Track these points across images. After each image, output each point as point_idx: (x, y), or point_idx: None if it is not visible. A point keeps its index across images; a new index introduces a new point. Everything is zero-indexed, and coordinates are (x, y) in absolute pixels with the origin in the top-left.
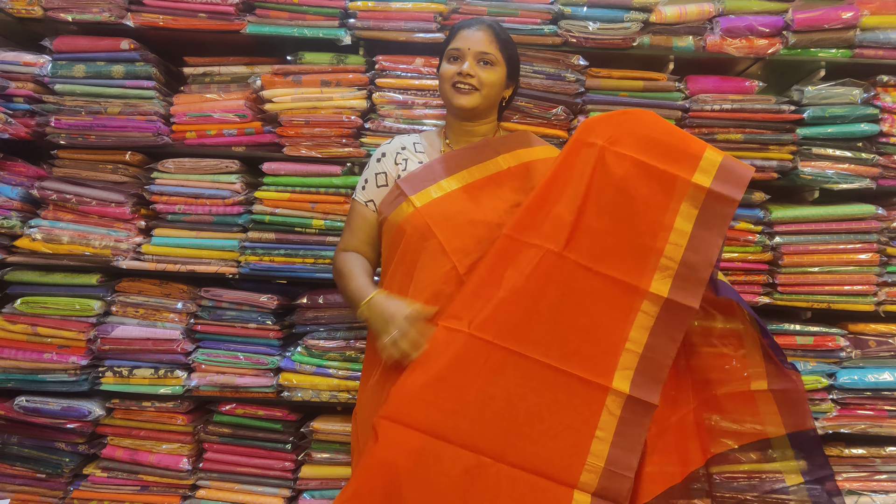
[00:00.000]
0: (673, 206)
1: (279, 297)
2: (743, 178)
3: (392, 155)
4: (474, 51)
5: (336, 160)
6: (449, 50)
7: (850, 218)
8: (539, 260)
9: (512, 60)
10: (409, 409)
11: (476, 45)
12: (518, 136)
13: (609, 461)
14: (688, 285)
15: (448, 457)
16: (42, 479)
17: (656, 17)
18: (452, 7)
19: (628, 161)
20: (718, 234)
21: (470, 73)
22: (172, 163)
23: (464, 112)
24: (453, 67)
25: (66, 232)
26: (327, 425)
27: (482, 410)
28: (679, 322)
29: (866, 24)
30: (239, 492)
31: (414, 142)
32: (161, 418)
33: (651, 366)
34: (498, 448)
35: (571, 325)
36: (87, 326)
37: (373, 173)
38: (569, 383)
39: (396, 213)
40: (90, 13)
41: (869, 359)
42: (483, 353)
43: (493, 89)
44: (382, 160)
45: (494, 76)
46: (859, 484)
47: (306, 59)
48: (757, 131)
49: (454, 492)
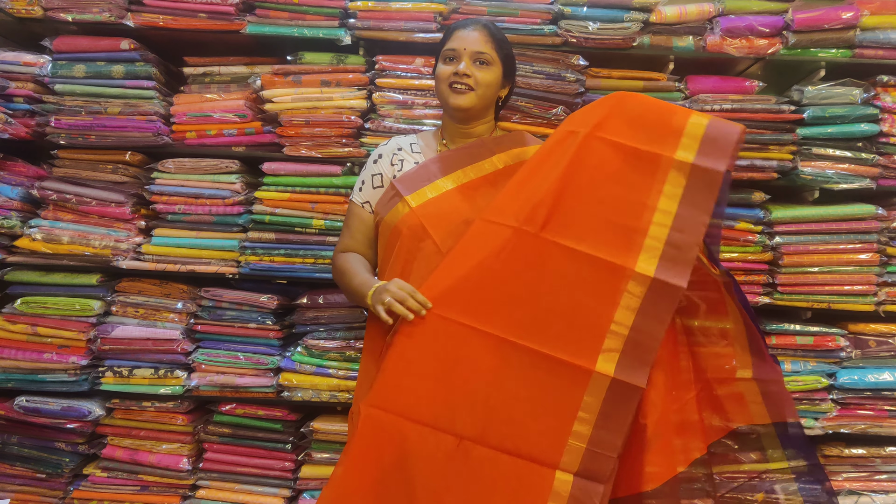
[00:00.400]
0: (657, 186)
1: (279, 297)
2: (728, 141)
3: (388, 156)
4: (470, 51)
5: (336, 160)
6: (445, 50)
7: (850, 218)
8: (511, 238)
9: (508, 60)
10: (390, 396)
11: (472, 44)
12: (514, 136)
13: (592, 442)
14: (674, 265)
15: (430, 441)
16: (42, 479)
17: (656, 17)
18: (452, 7)
19: (610, 145)
20: (704, 210)
21: (466, 72)
22: (172, 163)
23: (460, 112)
24: (449, 68)
25: (66, 232)
26: (327, 425)
27: (462, 395)
28: (667, 303)
29: (866, 24)
30: (239, 492)
31: (411, 142)
32: (161, 418)
33: (637, 348)
34: (478, 431)
35: (552, 307)
36: (87, 326)
37: (369, 174)
38: (550, 366)
39: (392, 214)
40: (90, 13)
41: (869, 359)
42: (456, 336)
43: (490, 89)
44: (379, 161)
45: (490, 76)
46: (859, 484)
47: (306, 59)
48: (757, 131)
49: (437, 475)
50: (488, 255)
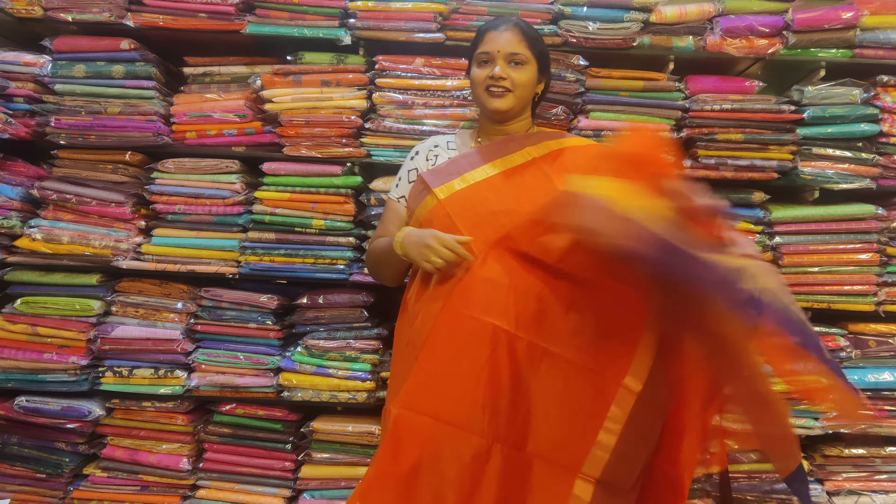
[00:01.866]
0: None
1: (279, 297)
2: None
3: (424, 152)
4: (504, 52)
5: (336, 160)
6: (478, 54)
7: (850, 218)
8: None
9: (542, 56)
10: (421, 397)
11: (505, 46)
12: (549, 133)
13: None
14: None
15: (460, 442)
16: (42, 479)
17: (656, 17)
18: (452, 7)
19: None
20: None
21: (502, 75)
22: (172, 163)
23: (499, 114)
24: (484, 71)
25: (66, 232)
26: (327, 425)
27: (492, 398)
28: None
29: (866, 24)
30: (239, 492)
31: (448, 141)
32: (161, 418)
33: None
34: (508, 434)
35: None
36: (87, 326)
37: (405, 171)
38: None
39: (422, 207)
40: (90, 13)
41: (869, 359)
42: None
43: (527, 88)
44: (415, 158)
45: (526, 75)
46: (859, 484)
47: (306, 59)
48: (757, 131)
49: (466, 476)
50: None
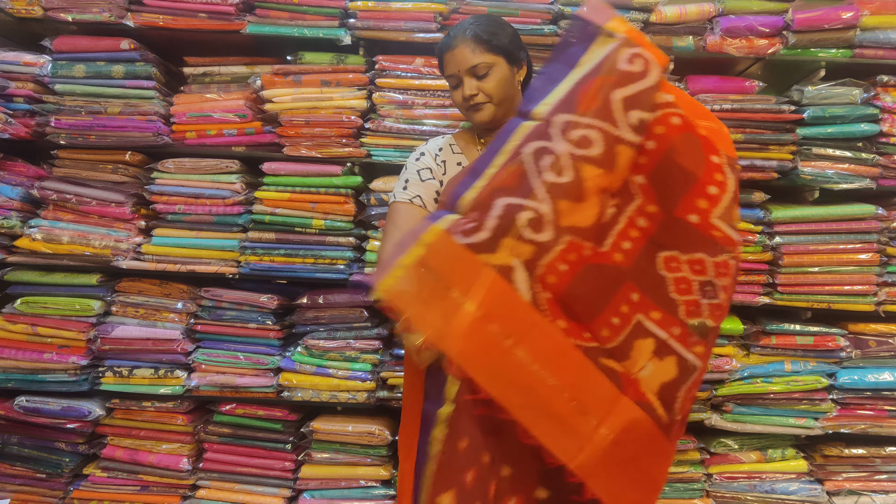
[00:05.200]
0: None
1: (279, 297)
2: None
3: (430, 154)
4: (464, 69)
5: (336, 160)
6: (446, 77)
7: (850, 218)
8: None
9: (507, 47)
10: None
11: (463, 62)
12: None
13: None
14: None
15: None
16: (42, 479)
17: (656, 17)
18: (452, 7)
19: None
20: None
21: (472, 92)
22: (172, 163)
23: (487, 124)
24: (458, 93)
25: (66, 232)
26: (327, 425)
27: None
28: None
29: (866, 24)
30: (239, 492)
31: (449, 143)
32: (161, 418)
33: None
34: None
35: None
36: (87, 326)
37: (414, 171)
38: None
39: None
40: (90, 13)
41: (869, 359)
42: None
43: (503, 89)
44: (422, 158)
45: (496, 79)
46: (859, 484)
47: (306, 59)
48: (757, 131)
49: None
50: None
